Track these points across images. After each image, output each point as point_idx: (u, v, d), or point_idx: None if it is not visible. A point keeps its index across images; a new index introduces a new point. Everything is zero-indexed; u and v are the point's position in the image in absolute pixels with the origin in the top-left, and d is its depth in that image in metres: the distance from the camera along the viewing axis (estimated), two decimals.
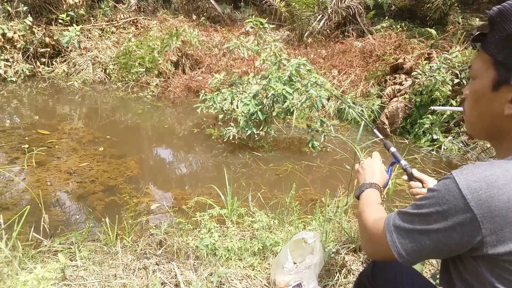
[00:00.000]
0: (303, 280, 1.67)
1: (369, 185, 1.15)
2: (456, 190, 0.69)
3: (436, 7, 7.17)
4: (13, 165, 3.42)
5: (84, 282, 1.77)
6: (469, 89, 0.82)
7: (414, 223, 0.76)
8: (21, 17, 6.58)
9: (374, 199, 1.08)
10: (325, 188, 3.08)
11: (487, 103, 0.76)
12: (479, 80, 0.77)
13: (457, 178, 0.70)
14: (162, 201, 3.03)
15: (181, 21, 8.16)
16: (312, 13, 7.32)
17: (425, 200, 0.75)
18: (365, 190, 1.14)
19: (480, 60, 0.77)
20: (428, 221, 0.74)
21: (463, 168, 0.72)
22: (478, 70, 0.78)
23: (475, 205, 0.67)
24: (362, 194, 1.13)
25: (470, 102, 0.82)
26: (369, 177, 1.18)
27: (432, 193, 0.74)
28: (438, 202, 0.72)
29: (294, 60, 3.92)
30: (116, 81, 6.53)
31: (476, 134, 0.85)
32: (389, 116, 4.80)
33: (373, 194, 1.11)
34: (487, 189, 0.66)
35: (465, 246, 0.70)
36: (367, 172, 1.21)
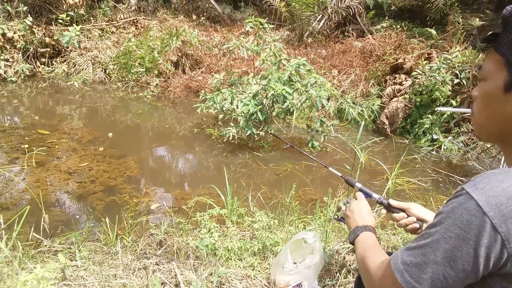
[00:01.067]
0: (303, 280, 1.67)
1: (363, 228, 1.10)
2: (476, 208, 0.62)
3: (436, 7, 7.17)
4: (13, 165, 3.42)
5: (84, 282, 1.77)
6: (479, 90, 0.78)
7: (428, 255, 0.68)
8: (21, 17, 6.58)
9: (372, 241, 1.03)
10: (325, 188, 3.09)
11: (498, 106, 0.73)
12: (490, 81, 0.75)
13: (474, 194, 0.64)
14: (162, 201, 3.03)
15: (181, 21, 8.16)
16: (312, 13, 7.32)
17: (438, 225, 0.68)
18: (360, 233, 1.08)
19: (491, 61, 0.74)
20: (446, 249, 0.65)
21: (475, 181, 0.66)
22: (489, 71, 0.75)
23: (498, 223, 0.61)
24: (358, 239, 1.07)
25: (480, 104, 0.78)
26: (360, 220, 1.14)
27: (446, 215, 0.67)
28: (457, 224, 0.64)
29: (294, 60, 3.92)
30: (116, 81, 6.53)
31: (485, 137, 0.82)
32: (389, 116, 4.80)
33: (369, 236, 1.06)
34: (507, 204, 0.61)
35: (492, 268, 0.64)
36: (357, 215, 1.16)
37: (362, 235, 1.07)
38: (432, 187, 3.33)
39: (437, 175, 3.68)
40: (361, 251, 0.99)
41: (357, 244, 1.05)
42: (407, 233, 2.29)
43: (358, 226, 1.11)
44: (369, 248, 0.98)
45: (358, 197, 1.25)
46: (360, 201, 1.22)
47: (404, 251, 0.74)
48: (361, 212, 1.17)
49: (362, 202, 1.22)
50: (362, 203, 1.21)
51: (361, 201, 1.23)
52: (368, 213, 1.17)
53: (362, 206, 1.19)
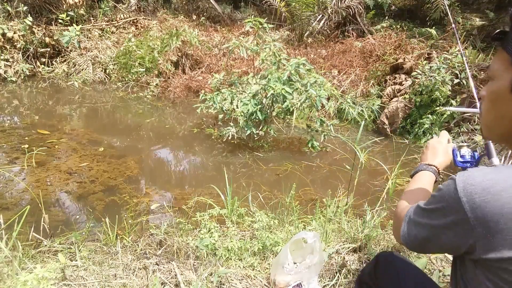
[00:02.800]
0: (303, 280, 1.67)
1: (426, 167, 1.12)
2: (454, 191, 0.70)
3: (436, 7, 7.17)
4: (13, 165, 3.42)
5: (84, 282, 1.77)
6: (487, 90, 0.78)
7: (421, 217, 0.81)
8: (21, 17, 6.57)
9: (424, 182, 1.07)
10: (325, 188, 3.09)
11: (505, 105, 0.72)
12: (497, 80, 0.74)
13: (457, 180, 0.71)
14: (162, 201, 3.03)
15: (181, 21, 8.16)
16: (312, 13, 7.32)
17: (432, 197, 0.78)
18: (420, 171, 1.11)
19: (499, 60, 0.73)
20: (430, 217, 0.78)
21: (468, 170, 0.72)
22: (496, 70, 0.74)
23: (469, 208, 0.67)
24: (415, 175, 1.11)
25: (487, 104, 0.78)
26: (430, 158, 1.15)
27: (438, 192, 0.76)
28: (440, 201, 0.75)
29: (294, 60, 3.92)
30: (116, 81, 6.53)
31: (493, 138, 0.82)
32: (389, 116, 4.80)
33: (425, 177, 1.09)
34: (481, 194, 0.66)
35: (459, 246, 0.73)
36: (430, 152, 1.17)
37: (421, 173, 1.10)
38: None
39: None
40: (408, 187, 1.07)
41: (411, 180, 1.11)
42: None
43: (423, 164, 1.13)
44: (414, 190, 1.05)
45: (441, 135, 1.23)
46: (440, 139, 1.21)
47: (415, 207, 0.85)
48: (435, 150, 1.16)
49: (441, 139, 1.21)
50: (441, 140, 1.20)
51: (441, 138, 1.21)
52: (443, 152, 1.16)
53: (439, 144, 1.18)
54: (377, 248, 2.12)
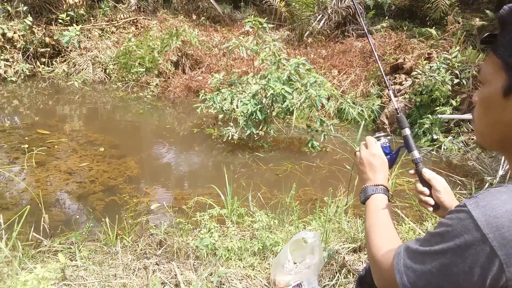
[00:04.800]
0: (303, 280, 1.67)
1: (375, 188, 1.00)
2: (475, 228, 0.60)
3: (436, 7, 7.17)
4: (13, 165, 3.42)
5: (84, 282, 1.77)
6: (478, 95, 0.74)
7: (427, 264, 0.67)
8: (21, 17, 6.57)
9: (384, 209, 0.96)
10: (325, 188, 3.09)
11: (498, 111, 0.69)
12: (488, 85, 0.70)
13: (474, 212, 0.61)
14: (162, 201, 3.03)
15: (181, 21, 8.16)
16: (312, 13, 7.32)
17: (439, 237, 0.66)
18: (371, 196, 0.99)
19: (489, 64, 0.70)
20: (441, 261, 0.65)
21: (477, 198, 0.63)
22: (487, 75, 0.71)
23: (498, 246, 0.58)
24: (368, 202, 0.99)
25: (479, 110, 0.74)
26: (373, 176, 1.03)
27: (446, 229, 0.65)
28: (455, 241, 0.63)
29: (293, 60, 3.92)
30: (116, 81, 6.53)
31: (487, 145, 0.78)
32: (389, 116, 4.80)
33: (380, 203, 0.97)
34: (510, 226, 0.58)
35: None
36: (368, 170, 1.04)
37: (374, 198, 0.98)
38: None
39: None
40: (370, 221, 0.94)
41: (367, 208, 0.98)
42: (407, 233, 2.29)
43: (369, 186, 1.01)
44: (380, 223, 0.92)
45: (369, 143, 1.09)
46: (371, 150, 1.07)
47: (407, 251, 0.72)
48: (372, 165, 1.04)
49: (373, 150, 1.07)
50: (373, 151, 1.06)
51: (372, 149, 1.07)
52: (381, 166, 1.04)
53: (373, 156, 1.05)
54: None
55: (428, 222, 2.51)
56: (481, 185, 3.20)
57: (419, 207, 2.86)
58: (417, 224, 2.50)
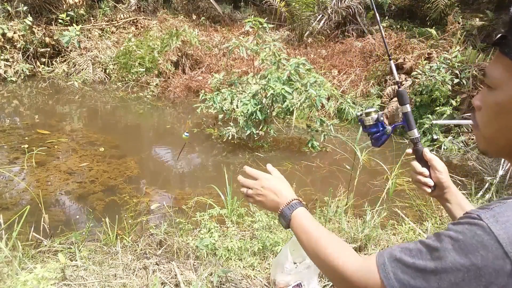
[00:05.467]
0: (303, 280, 1.67)
1: (290, 207, 0.88)
2: (495, 245, 0.54)
3: (436, 7, 7.17)
4: (13, 165, 3.42)
5: (84, 282, 1.77)
6: (486, 100, 0.68)
7: (431, 282, 0.59)
8: (21, 17, 6.57)
9: (312, 221, 0.85)
10: (325, 188, 3.09)
11: (510, 117, 0.64)
12: (500, 90, 0.65)
13: (494, 228, 0.55)
14: (162, 201, 3.03)
15: (181, 21, 8.16)
16: (312, 13, 7.32)
17: (446, 252, 0.58)
18: (291, 215, 0.86)
19: (499, 67, 0.65)
20: (453, 282, 0.57)
21: (494, 211, 0.58)
22: (498, 79, 0.65)
23: None
24: (293, 223, 0.86)
25: (488, 116, 0.69)
26: (279, 198, 0.91)
27: (456, 242, 0.58)
28: (470, 258, 0.56)
29: (293, 60, 3.92)
30: (116, 81, 6.53)
31: (494, 152, 0.73)
32: (389, 116, 4.80)
33: (303, 216, 0.86)
34: None
35: None
36: (272, 194, 0.92)
37: (296, 216, 0.86)
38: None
39: None
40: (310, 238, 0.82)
41: (295, 229, 0.85)
42: (407, 233, 2.29)
43: (283, 209, 0.88)
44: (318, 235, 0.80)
45: (250, 173, 0.98)
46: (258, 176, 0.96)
47: (397, 262, 0.63)
48: (271, 189, 0.92)
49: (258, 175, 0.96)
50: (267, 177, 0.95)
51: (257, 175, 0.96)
52: (277, 182, 0.94)
53: (267, 180, 0.94)
54: (377, 248, 2.12)
55: (428, 222, 2.51)
56: (481, 185, 3.20)
57: (419, 207, 2.86)
58: (417, 224, 2.50)
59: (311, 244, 0.81)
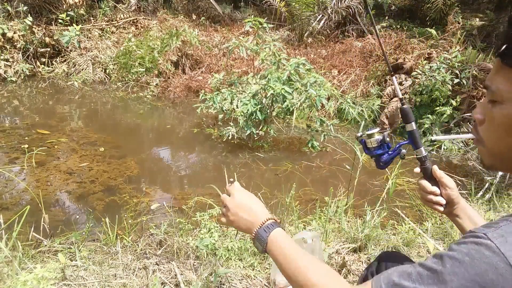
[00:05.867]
0: None
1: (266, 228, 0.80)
2: (505, 268, 0.51)
3: (436, 7, 7.17)
4: (13, 165, 3.42)
5: (84, 282, 1.77)
6: (492, 114, 0.65)
7: None
8: (21, 17, 6.57)
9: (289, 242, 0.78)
10: (325, 188, 3.09)
11: None
12: (508, 104, 0.62)
13: (503, 248, 0.52)
14: (162, 201, 3.03)
15: (181, 21, 8.16)
16: (312, 13, 7.33)
17: (452, 275, 0.54)
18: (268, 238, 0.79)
19: (505, 79, 0.62)
20: None
21: (503, 230, 0.54)
22: (506, 91, 0.62)
23: None
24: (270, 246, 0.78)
25: (497, 131, 0.65)
26: (253, 217, 0.83)
27: (462, 264, 0.54)
28: (477, 280, 0.52)
29: (293, 60, 3.92)
30: (116, 81, 6.53)
31: (503, 166, 0.69)
32: (389, 116, 4.80)
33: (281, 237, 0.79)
34: None
35: None
36: (245, 213, 0.84)
37: (273, 238, 0.79)
38: None
39: None
40: (290, 262, 0.75)
41: (273, 252, 0.78)
42: (407, 233, 2.29)
43: (259, 230, 0.80)
44: (298, 256, 0.74)
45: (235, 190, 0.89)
46: (234, 191, 0.88)
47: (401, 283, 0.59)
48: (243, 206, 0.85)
49: (236, 192, 0.88)
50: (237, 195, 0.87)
51: (235, 191, 0.88)
52: (249, 200, 0.86)
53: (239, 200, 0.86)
54: (377, 248, 2.12)
55: (428, 222, 2.51)
56: (481, 185, 3.20)
57: (419, 207, 2.86)
58: (417, 224, 2.50)
59: (294, 266, 0.74)
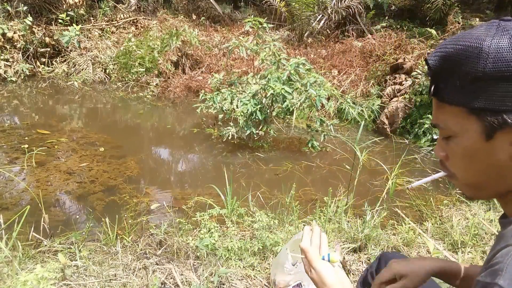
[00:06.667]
0: (303, 280, 1.67)
1: None
2: None
3: (436, 7, 7.17)
4: (13, 165, 3.42)
5: (84, 282, 1.77)
6: (452, 149, 0.67)
7: None
8: (21, 17, 6.58)
9: None
10: (325, 188, 3.09)
11: (485, 157, 0.63)
12: (461, 136, 0.64)
13: None
14: (162, 201, 3.03)
15: (181, 21, 8.16)
16: (312, 13, 7.32)
17: None
18: None
19: (449, 115, 0.64)
20: None
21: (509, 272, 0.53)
22: (455, 126, 0.64)
23: None
24: None
25: (462, 163, 0.67)
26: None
27: None
28: None
29: (293, 60, 3.92)
30: (116, 81, 6.53)
31: (483, 194, 0.70)
32: (389, 116, 4.80)
33: None
34: None
35: None
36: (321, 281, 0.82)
37: None
38: (432, 187, 3.33)
39: None
40: None
41: None
42: (407, 233, 2.29)
43: None
44: None
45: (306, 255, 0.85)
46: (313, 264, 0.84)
47: None
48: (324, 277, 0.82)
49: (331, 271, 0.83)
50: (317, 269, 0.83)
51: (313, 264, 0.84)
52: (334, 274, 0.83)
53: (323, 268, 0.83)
54: (377, 248, 2.12)
55: (428, 222, 2.51)
56: None
57: (419, 207, 2.86)
58: (417, 224, 2.50)
59: None
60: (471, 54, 0.58)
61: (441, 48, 0.63)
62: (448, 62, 0.61)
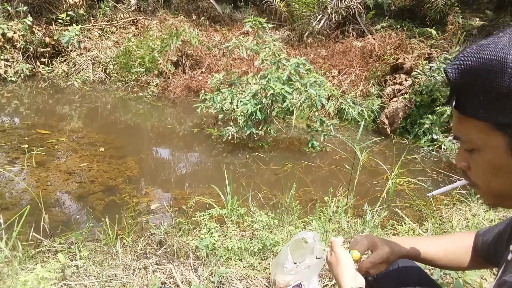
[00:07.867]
0: (303, 280, 1.67)
1: None
2: None
3: (436, 7, 7.17)
4: (13, 165, 3.42)
5: (84, 282, 1.77)
6: (476, 161, 0.66)
7: None
8: (21, 17, 6.57)
9: None
10: (325, 188, 3.09)
11: (511, 171, 0.62)
12: (484, 150, 0.63)
13: None
14: (162, 201, 3.03)
15: (181, 21, 8.16)
16: (312, 13, 7.32)
17: None
18: None
19: (473, 129, 0.63)
20: None
21: None
22: (478, 140, 0.63)
23: None
24: None
25: (486, 176, 0.66)
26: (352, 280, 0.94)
27: None
28: None
29: (293, 60, 3.92)
30: (116, 81, 6.53)
31: (507, 204, 0.70)
32: (389, 116, 4.80)
33: None
34: None
35: None
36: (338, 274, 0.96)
37: None
38: (432, 187, 3.33)
39: (437, 175, 3.68)
40: None
41: None
42: (407, 233, 2.29)
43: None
44: None
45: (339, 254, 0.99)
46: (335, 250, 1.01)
47: None
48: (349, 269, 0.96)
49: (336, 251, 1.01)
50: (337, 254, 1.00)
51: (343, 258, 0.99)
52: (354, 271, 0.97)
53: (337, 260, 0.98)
54: None
55: (428, 222, 2.51)
56: None
57: (419, 207, 2.86)
58: (417, 224, 2.50)
59: None
60: (494, 68, 0.56)
61: (461, 60, 0.61)
62: (470, 75, 0.59)
